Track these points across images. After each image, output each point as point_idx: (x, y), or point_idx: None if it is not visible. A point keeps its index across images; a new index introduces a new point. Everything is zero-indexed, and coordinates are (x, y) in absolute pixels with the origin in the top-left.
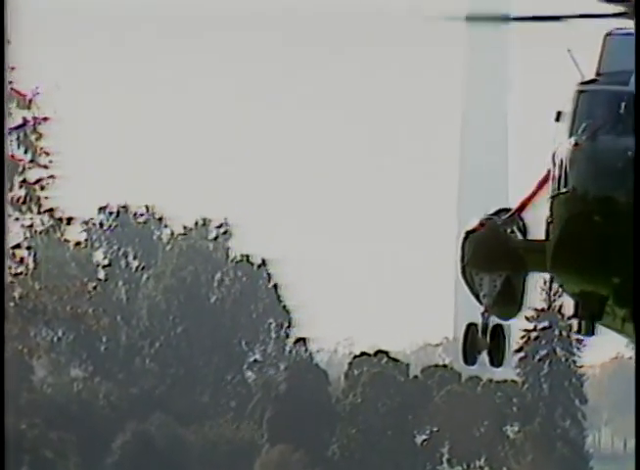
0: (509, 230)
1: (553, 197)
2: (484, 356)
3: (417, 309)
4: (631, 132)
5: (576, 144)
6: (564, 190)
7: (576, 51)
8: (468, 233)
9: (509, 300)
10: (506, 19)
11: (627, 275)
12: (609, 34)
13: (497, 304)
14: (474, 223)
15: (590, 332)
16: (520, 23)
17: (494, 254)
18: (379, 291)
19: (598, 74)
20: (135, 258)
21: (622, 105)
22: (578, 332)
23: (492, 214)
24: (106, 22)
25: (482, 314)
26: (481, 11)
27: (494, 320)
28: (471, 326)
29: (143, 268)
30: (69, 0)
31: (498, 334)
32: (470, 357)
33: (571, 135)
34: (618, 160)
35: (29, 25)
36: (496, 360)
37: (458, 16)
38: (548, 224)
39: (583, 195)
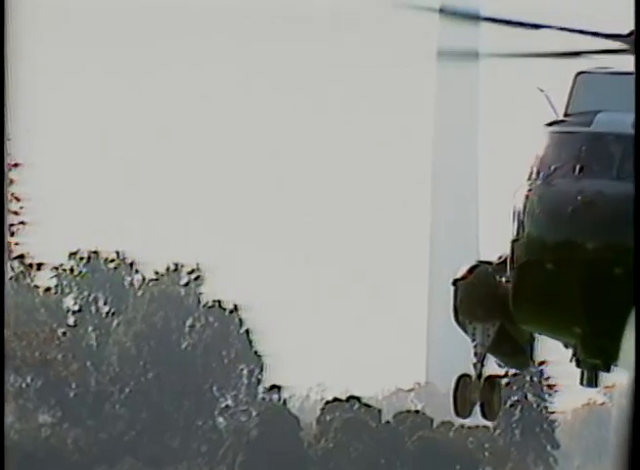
0: (502, 277)
1: (512, 242)
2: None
3: (389, 355)
4: (592, 175)
5: (530, 189)
6: (520, 236)
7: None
8: (456, 281)
9: (511, 349)
10: (497, 55)
11: (592, 325)
12: (579, 73)
13: (498, 353)
14: (463, 270)
15: (593, 383)
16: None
17: (483, 302)
18: (351, 337)
19: (566, 115)
20: (106, 303)
21: (582, 147)
22: (581, 383)
23: (485, 261)
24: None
25: (475, 365)
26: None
27: (488, 371)
28: (462, 377)
29: (113, 314)
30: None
31: (492, 386)
32: (462, 410)
33: (529, 178)
34: (569, 204)
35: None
36: (489, 413)
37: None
38: (511, 271)
39: (536, 241)
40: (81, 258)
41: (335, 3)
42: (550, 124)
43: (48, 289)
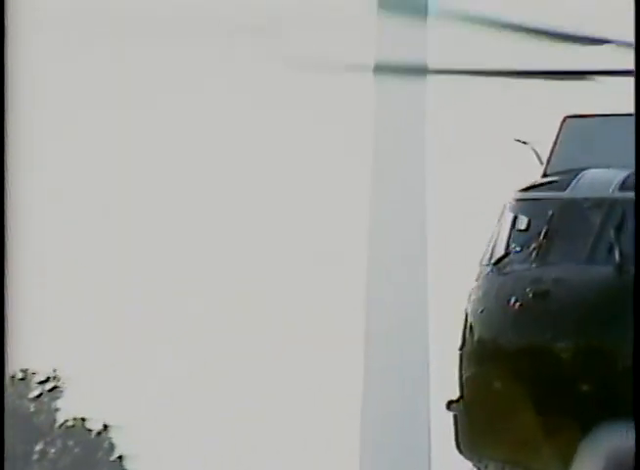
0: None
1: (459, 350)
2: None
3: None
4: (556, 257)
5: (478, 278)
6: (466, 342)
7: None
8: (451, 403)
9: None
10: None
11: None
12: (567, 118)
13: None
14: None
15: None
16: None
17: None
18: (261, 464)
19: (544, 175)
20: None
21: (551, 220)
22: None
23: None
24: None
25: None
26: None
27: None
28: None
29: None
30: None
31: None
32: None
33: (483, 262)
34: (518, 299)
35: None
36: None
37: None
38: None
39: (479, 351)
40: None
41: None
42: (522, 190)
43: None
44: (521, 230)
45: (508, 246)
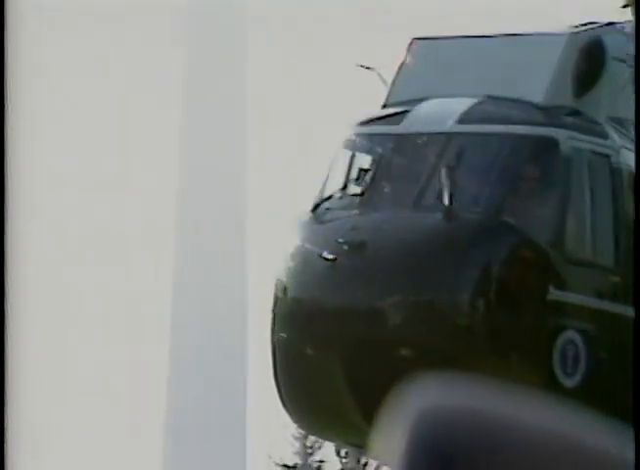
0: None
1: (272, 311)
2: None
3: None
4: (381, 202)
5: (300, 226)
6: (279, 300)
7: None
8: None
9: None
10: None
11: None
12: (414, 40)
13: None
14: None
15: None
16: None
17: None
18: None
19: (384, 106)
20: None
21: (381, 159)
22: None
23: None
24: None
25: None
26: None
27: None
28: None
29: None
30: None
31: None
32: None
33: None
34: (332, 251)
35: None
36: None
37: None
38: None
39: (291, 311)
40: None
41: None
42: (358, 124)
43: None
44: (362, 169)
45: (345, 188)
